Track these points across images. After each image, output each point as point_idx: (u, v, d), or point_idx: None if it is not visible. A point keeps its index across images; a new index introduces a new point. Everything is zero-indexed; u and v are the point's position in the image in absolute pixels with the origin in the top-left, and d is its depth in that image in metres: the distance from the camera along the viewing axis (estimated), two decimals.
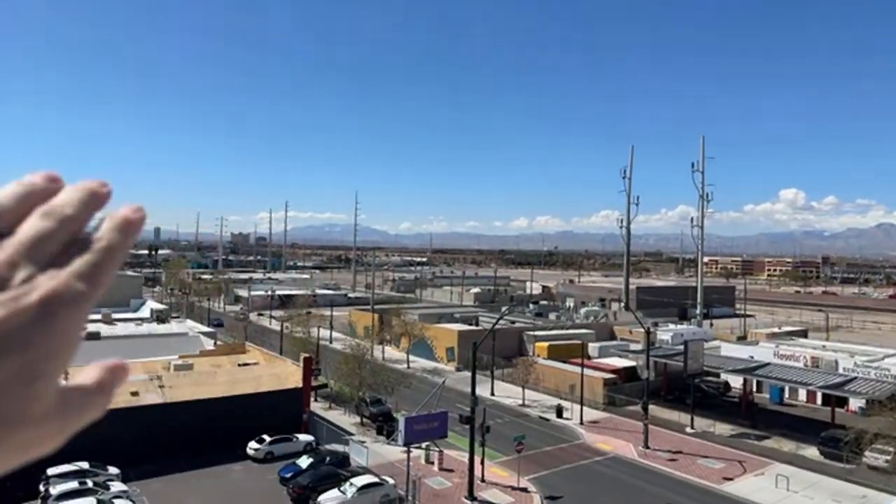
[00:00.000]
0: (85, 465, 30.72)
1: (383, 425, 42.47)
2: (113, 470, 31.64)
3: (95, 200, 0.77)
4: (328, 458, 34.56)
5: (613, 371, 54.93)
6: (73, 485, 28.31)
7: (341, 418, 45.40)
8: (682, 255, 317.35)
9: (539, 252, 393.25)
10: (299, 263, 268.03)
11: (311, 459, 34.08)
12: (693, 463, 38.15)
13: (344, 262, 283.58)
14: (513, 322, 78.60)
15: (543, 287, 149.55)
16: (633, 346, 62.27)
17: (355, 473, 32.68)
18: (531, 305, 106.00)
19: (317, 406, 46.93)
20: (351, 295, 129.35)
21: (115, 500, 27.76)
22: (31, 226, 0.72)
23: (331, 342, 74.04)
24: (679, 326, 77.99)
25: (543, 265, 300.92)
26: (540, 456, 38.39)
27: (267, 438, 37.11)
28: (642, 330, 51.66)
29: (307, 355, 44.38)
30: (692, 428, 44.58)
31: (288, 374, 44.02)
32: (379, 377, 46.09)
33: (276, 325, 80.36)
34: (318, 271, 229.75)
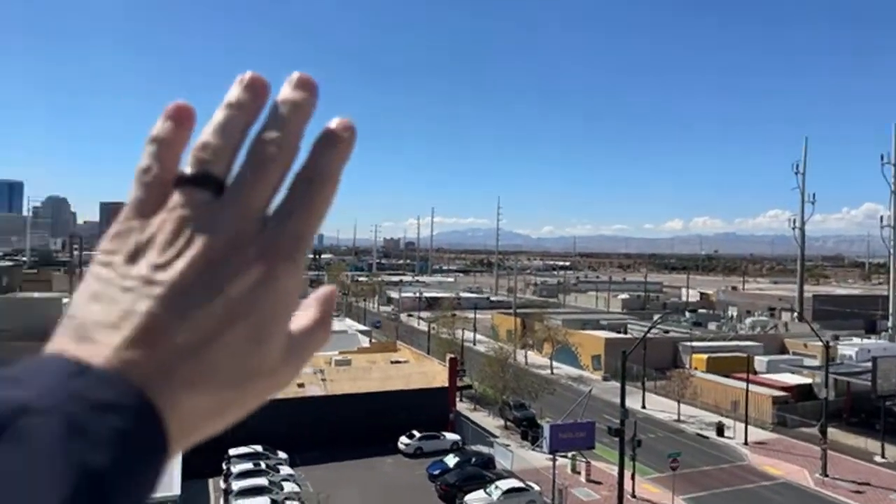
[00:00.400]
0: (259, 448, 34.17)
1: (527, 430, 42.23)
2: (282, 454, 34.84)
3: (305, 119, 0.67)
4: (474, 459, 35.09)
5: (785, 388, 49.64)
6: (248, 465, 31.60)
7: (485, 420, 45.90)
8: (868, 260, 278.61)
9: (696, 256, 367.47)
10: (444, 267, 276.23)
11: (457, 458, 34.84)
12: (885, 498, 33.26)
13: (486, 266, 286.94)
14: (666, 331, 74.16)
15: (701, 294, 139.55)
16: (809, 362, 55.82)
17: (500, 476, 32.83)
18: (687, 314, 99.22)
19: (462, 406, 47.94)
20: (493, 298, 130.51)
21: (283, 483, 30.51)
22: (251, 169, 0.64)
23: (474, 344, 75.26)
24: (866, 341, 68.40)
25: (701, 270, 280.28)
26: (697, 476, 35.75)
27: (416, 434, 38.61)
28: (820, 343, 46.13)
29: (453, 356, 45.50)
30: (883, 457, 38.88)
31: (435, 374, 45.48)
32: (522, 381, 45.93)
33: (423, 326, 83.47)
34: (461, 275, 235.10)
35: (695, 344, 65.49)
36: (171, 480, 23.33)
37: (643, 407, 50.06)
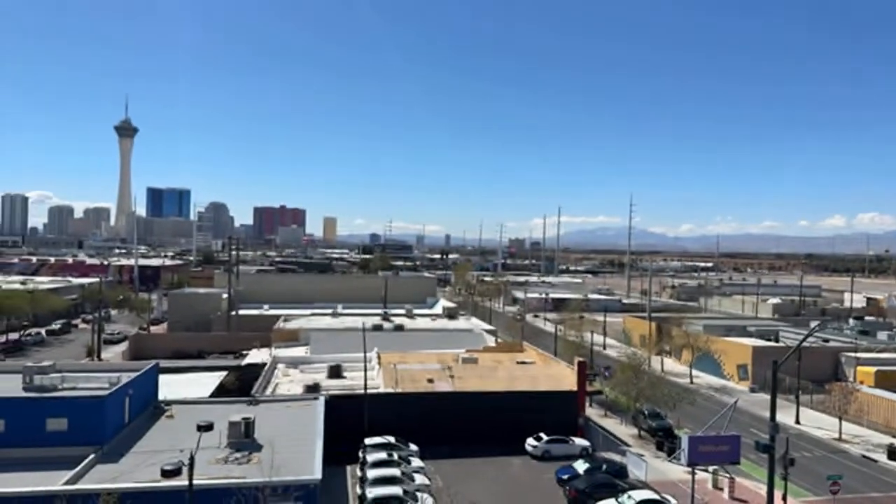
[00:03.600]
0: (392, 439, 35.59)
1: (663, 441, 39.99)
2: (412, 447, 36.01)
3: None
4: (605, 466, 33.88)
5: None
6: (382, 455, 33.00)
7: (617, 427, 44.14)
8: None
9: (862, 257, 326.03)
10: (572, 267, 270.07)
11: (587, 465, 33.84)
12: None
13: (617, 267, 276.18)
14: (825, 340, 66.81)
15: (868, 300, 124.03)
16: None
17: (633, 486, 31.39)
18: (851, 321, 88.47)
19: (591, 412, 46.50)
20: (625, 301, 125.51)
21: (414, 474, 31.50)
22: None
23: (604, 348, 72.65)
24: None
25: (869, 273, 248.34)
26: (862, 502, 31.76)
27: (544, 437, 38.07)
28: None
29: (581, 359, 44.29)
30: None
31: (563, 377, 44.55)
32: (658, 390, 43.57)
33: (549, 328, 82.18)
34: (590, 276, 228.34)
35: (861, 355, 58.36)
36: (313, 465, 24.98)
37: (797, 422, 45.39)
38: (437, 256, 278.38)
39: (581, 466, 33.65)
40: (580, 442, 38.69)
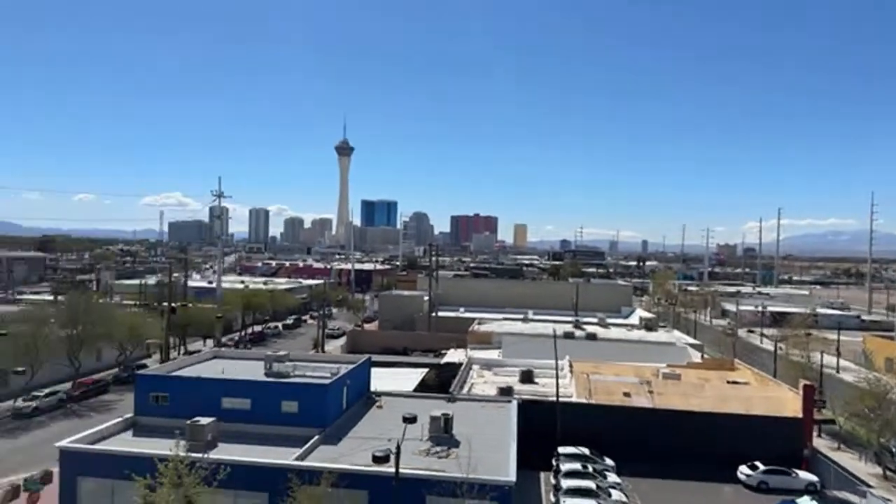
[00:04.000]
0: (586, 450, 34.74)
1: None
2: (608, 461, 34.73)
3: None
4: None
5: None
6: (577, 466, 32.37)
7: (855, 464, 37.79)
8: None
9: None
10: (795, 277, 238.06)
11: (815, 503, 29.55)
12: None
13: (854, 277, 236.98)
14: None
15: None
16: None
17: None
18: None
19: (820, 443, 40.45)
20: (865, 317, 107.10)
21: (611, 490, 30.33)
22: None
23: (837, 371, 62.76)
24: None
25: None
26: None
27: (760, 466, 34.11)
28: None
29: (808, 383, 38.77)
30: None
31: (784, 401, 39.46)
32: None
33: (767, 345, 73.43)
34: (818, 287, 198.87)
35: None
36: (509, 467, 25.42)
37: None
38: (633, 263, 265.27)
39: None
40: (806, 476, 33.92)
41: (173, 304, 65.20)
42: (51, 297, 78.73)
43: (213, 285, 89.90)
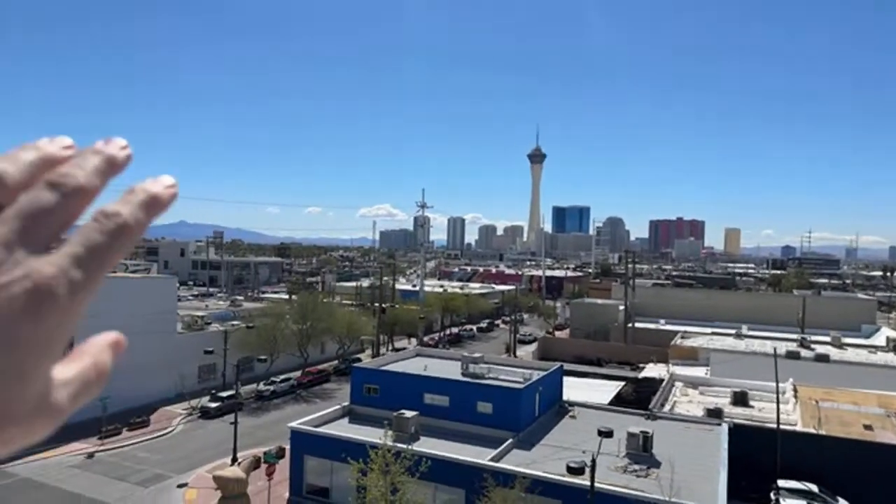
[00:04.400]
0: (814, 488, 30.34)
1: None
2: (842, 502, 29.94)
3: (111, 168, 0.65)
4: None
5: None
6: (801, 503, 28.43)
7: None
8: None
9: None
10: None
11: None
12: None
13: None
14: None
15: None
16: None
17: None
18: None
19: None
20: None
21: None
22: (32, 198, 0.59)
23: None
24: None
25: None
26: None
27: None
28: None
29: None
30: None
31: None
32: None
33: None
34: None
35: None
36: (717, 495, 23.27)
37: None
38: (877, 273, 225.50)
39: None
40: None
41: (383, 305, 71.44)
42: (286, 296, 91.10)
43: (417, 288, 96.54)
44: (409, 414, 31.75)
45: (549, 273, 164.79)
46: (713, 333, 71.03)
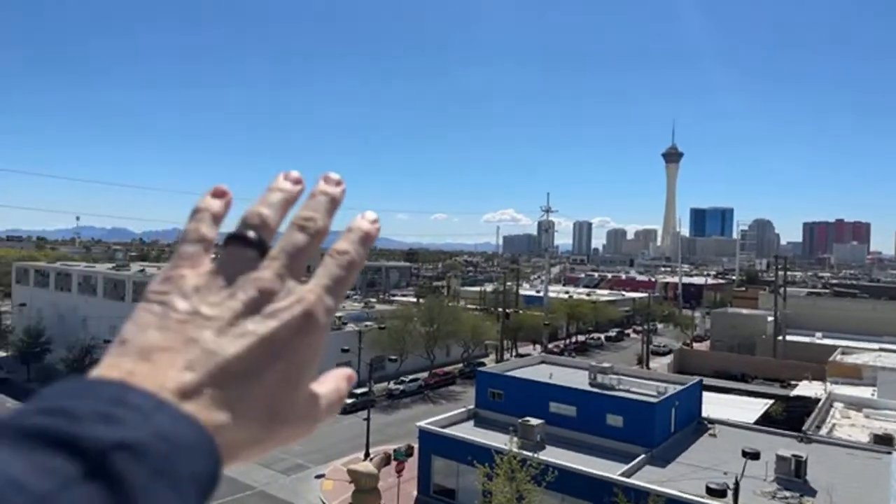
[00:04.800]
0: None
1: None
2: None
3: (335, 206, 0.81)
4: None
5: None
6: None
7: None
8: None
9: None
10: None
11: None
12: None
13: None
14: None
15: None
16: None
17: None
18: None
19: None
20: None
21: None
22: (290, 238, 0.76)
23: None
24: None
25: None
26: None
27: None
28: None
29: None
30: None
31: None
32: None
33: None
34: None
35: None
36: None
37: None
38: None
39: None
40: None
41: (507, 310, 71.39)
42: (414, 300, 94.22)
43: (541, 294, 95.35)
44: (534, 421, 31.32)
45: (686, 280, 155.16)
46: (881, 350, 62.62)
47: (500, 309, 73.76)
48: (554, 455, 28.17)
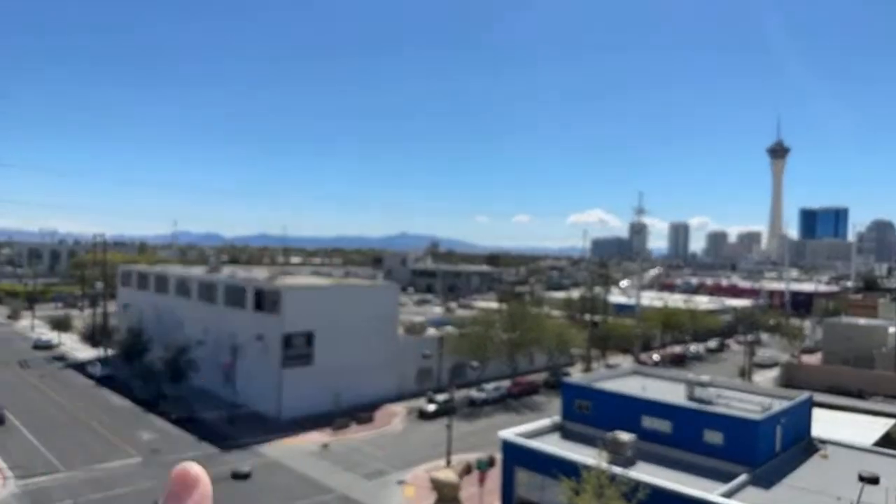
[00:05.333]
0: None
1: None
2: None
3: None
4: None
5: None
6: None
7: None
8: None
9: None
10: None
11: None
12: None
13: None
14: None
15: None
16: None
17: None
18: None
19: None
20: None
21: None
22: None
23: None
24: None
25: None
26: None
27: None
28: None
29: None
30: None
31: None
32: None
33: None
34: None
35: None
36: None
37: None
38: None
39: None
40: None
41: (595, 318, 68.84)
42: (496, 305, 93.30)
43: (633, 301, 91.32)
44: (625, 436, 29.57)
45: (794, 286, 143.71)
46: None
47: (588, 316, 71.24)
48: (646, 472, 26.39)
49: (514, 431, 32.45)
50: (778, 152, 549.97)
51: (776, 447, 29.07)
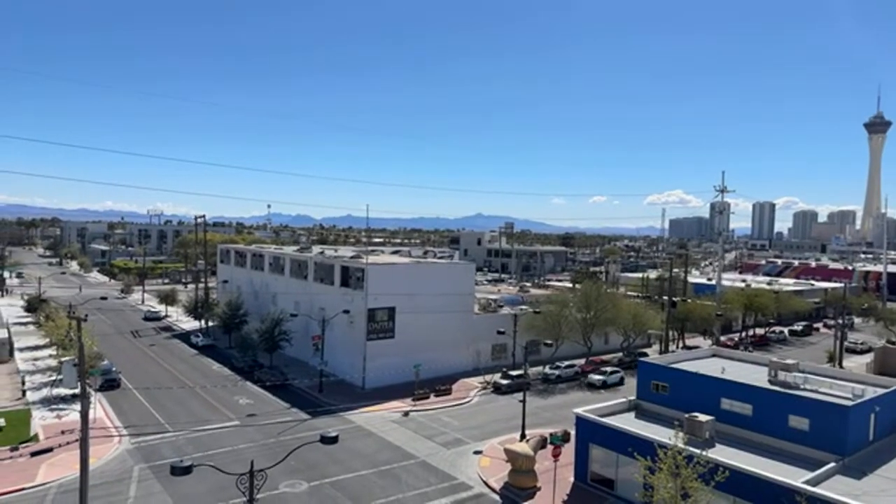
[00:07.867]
0: None
1: None
2: None
3: None
4: None
5: None
6: None
7: None
8: None
9: None
10: None
11: None
12: None
13: None
14: None
15: None
16: None
17: None
18: None
19: None
20: None
21: None
22: None
23: None
24: None
25: None
26: None
27: None
28: None
29: None
30: None
31: None
32: None
33: None
34: None
35: None
36: None
37: None
38: None
39: None
40: None
41: (674, 299, 67.18)
42: (570, 285, 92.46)
43: (713, 282, 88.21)
44: (703, 418, 29.34)
45: (892, 269, 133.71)
46: None
47: (665, 297, 69.63)
48: (725, 454, 26.18)
49: (588, 409, 32.79)
50: (877, 126, 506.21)
51: (869, 436, 27.99)
